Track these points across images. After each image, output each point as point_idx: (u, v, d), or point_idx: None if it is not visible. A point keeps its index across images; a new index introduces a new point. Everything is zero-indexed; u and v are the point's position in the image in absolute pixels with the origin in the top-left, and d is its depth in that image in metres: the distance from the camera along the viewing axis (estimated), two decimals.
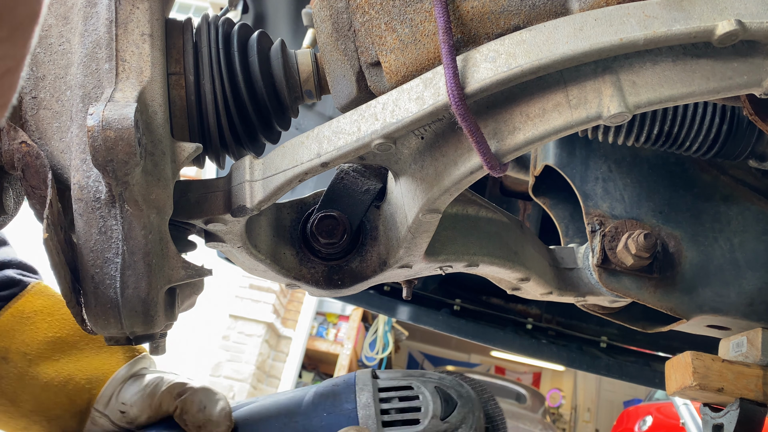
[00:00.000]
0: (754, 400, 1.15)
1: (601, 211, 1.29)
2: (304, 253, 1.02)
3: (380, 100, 0.78)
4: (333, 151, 0.80)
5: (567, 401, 12.94)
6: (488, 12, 0.78)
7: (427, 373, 0.94)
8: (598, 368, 2.67)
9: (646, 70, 0.71)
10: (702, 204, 1.30)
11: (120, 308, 0.81)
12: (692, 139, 1.16)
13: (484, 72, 0.71)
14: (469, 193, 1.09)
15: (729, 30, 0.67)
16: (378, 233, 1.02)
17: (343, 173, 0.99)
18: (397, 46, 0.80)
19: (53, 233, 0.75)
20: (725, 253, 1.26)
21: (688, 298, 1.23)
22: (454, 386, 0.92)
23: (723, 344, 1.29)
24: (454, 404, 0.89)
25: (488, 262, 1.09)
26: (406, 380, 0.91)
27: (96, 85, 0.80)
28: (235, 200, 0.85)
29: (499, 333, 2.68)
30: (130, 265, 0.79)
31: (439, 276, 2.63)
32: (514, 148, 0.75)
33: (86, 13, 0.82)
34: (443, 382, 0.92)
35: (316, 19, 0.89)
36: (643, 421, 7.79)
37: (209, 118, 0.90)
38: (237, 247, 0.95)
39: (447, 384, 0.92)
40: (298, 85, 0.96)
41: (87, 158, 0.77)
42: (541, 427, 8.56)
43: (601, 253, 1.25)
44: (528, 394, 9.40)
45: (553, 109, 0.73)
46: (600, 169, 1.33)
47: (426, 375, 0.93)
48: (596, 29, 0.70)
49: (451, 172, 0.79)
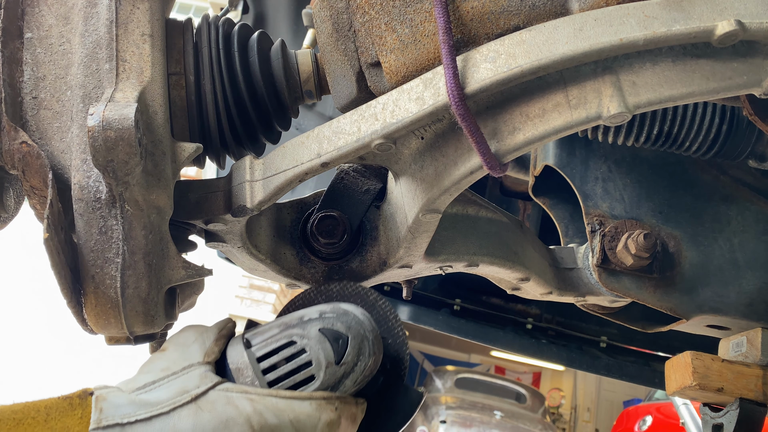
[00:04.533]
0: (753, 400, 1.15)
1: (601, 211, 1.29)
2: (304, 253, 1.02)
3: (380, 100, 0.78)
4: (333, 151, 0.80)
5: (567, 401, 12.94)
6: (488, 12, 0.78)
7: (305, 315, 0.84)
8: (598, 368, 2.67)
9: (646, 71, 0.71)
10: (702, 204, 1.30)
11: (120, 308, 0.81)
12: (692, 139, 1.16)
13: (484, 72, 0.72)
14: (469, 193, 1.09)
15: (729, 30, 0.67)
16: (378, 233, 1.03)
17: (343, 173, 0.99)
18: (397, 46, 0.80)
19: (53, 233, 0.75)
20: (725, 253, 1.26)
21: (687, 298, 1.24)
22: (339, 317, 0.82)
23: (723, 344, 1.29)
24: (345, 340, 0.80)
25: (488, 262, 1.09)
26: (285, 336, 0.81)
27: (96, 85, 0.80)
28: (236, 200, 0.85)
29: (499, 333, 2.68)
30: (131, 265, 0.79)
31: (439, 276, 2.63)
32: (514, 148, 0.75)
33: (87, 13, 0.82)
34: (325, 318, 0.82)
35: (316, 19, 0.89)
36: (643, 421, 7.79)
37: (209, 118, 0.90)
38: (237, 247, 0.95)
39: (330, 319, 0.82)
40: (298, 85, 0.96)
41: (87, 158, 0.77)
42: (541, 427, 8.55)
43: (601, 253, 1.25)
44: (528, 394, 9.40)
45: (553, 109, 0.73)
46: (600, 169, 1.33)
47: (304, 318, 0.83)
48: (596, 29, 0.70)
49: (451, 172, 0.79)
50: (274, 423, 0.73)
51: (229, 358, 0.81)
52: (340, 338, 0.81)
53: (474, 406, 8.51)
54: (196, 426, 0.70)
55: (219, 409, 0.72)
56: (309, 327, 0.82)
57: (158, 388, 0.73)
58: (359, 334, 0.82)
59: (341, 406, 0.78)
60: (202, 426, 0.70)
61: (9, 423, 0.66)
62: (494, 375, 10.56)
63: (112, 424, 0.67)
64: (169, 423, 0.69)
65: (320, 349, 0.80)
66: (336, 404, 0.77)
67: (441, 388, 9.23)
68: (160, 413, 0.70)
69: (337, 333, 0.81)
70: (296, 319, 0.84)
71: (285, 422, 0.74)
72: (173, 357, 0.79)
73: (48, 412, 0.68)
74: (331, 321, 0.82)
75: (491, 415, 8.31)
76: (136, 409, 0.69)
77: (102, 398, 0.70)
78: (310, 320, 0.83)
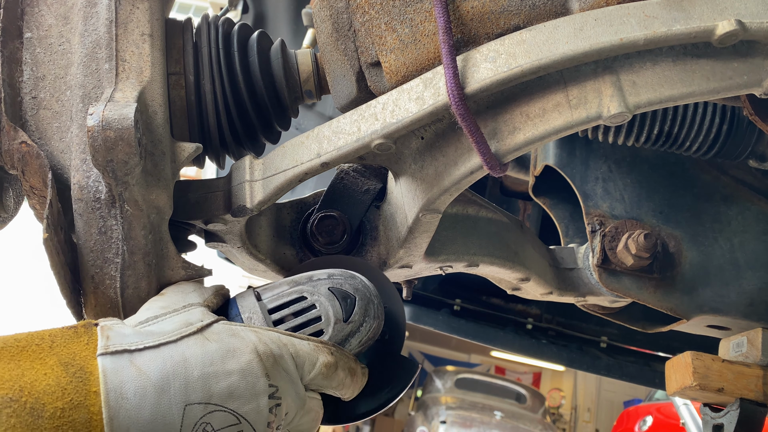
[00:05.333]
0: (754, 400, 1.15)
1: (601, 211, 1.29)
2: (304, 253, 1.02)
3: (380, 100, 0.78)
4: (333, 151, 0.80)
5: (567, 401, 12.94)
6: (488, 12, 0.78)
7: (314, 275, 0.86)
8: (598, 368, 2.67)
9: (646, 70, 0.71)
10: (702, 204, 1.30)
11: (120, 308, 0.81)
12: (692, 139, 1.16)
13: (484, 72, 0.71)
14: (469, 193, 1.09)
15: (729, 30, 0.67)
16: (378, 233, 1.02)
17: (343, 173, 0.99)
18: (397, 46, 0.80)
19: (53, 233, 0.75)
20: (725, 253, 1.26)
21: (688, 298, 1.23)
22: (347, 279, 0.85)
23: (723, 344, 1.29)
24: (353, 300, 0.83)
25: (488, 262, 1.09)
26: (296, 291, 0.83)
27: (96, 85, 0.80)
28: (235, 200, 0.85)
29: (499, 333, 2.68)
30: (130, 265, 0.79)
31: (439, 276, 2.63)
32: (514, 148, 0.75)
33: (86, 13, 0.82)
34: (334, 279, 0.85)
35: (316, 19, 0.89)
36: (643, 421, 7.79)
37: (209, 118, 0.90)
38: (237, 247, 0.95)
39: (339, 280, 0.85)
40: (298, 85, 0.96)
41: (87, 158, 0.77)
42: (541, 427, 8.55)
43: (601, 253, 1.25)
44: (528, 394, 9.40)
45: (553, 109, 0.73)
46: (600, 169, 1.33)
47: (314, 278, 0.85)
48: (596, 29, 0.70)
49: (451, 172, 0.79)
50: (277, 353, 0.74)
51: (240, 307, 0.82)
52: (348, 298, 0.83)
53: (474, 407, 8.52)
54: (206, 354, 0.70)
55: (225, 339, 0.72)
56: (319, 285, 0.84)
57: (162, 321, 0.73)
58: (366, 296, 0.84)
59: (338, 353, 0.79)
60: (210, 353, 0.70)
61: (12, 350, 0.64)
62: (494, 375, 10.57)
63: (121, 350, 0.66)
64: (178, 350, 0.69)
65: (329, 305, 0.82)
66: (332, 350, 0.79)
67: (441, 388, 9.24)
68: (168, 341, 0.69)
69: (346, 293, 0.83)
70: (306, 278, 0.85)
71: (287, 354, 0.75)
72: (173, 298, 0.78)
73: (53, 339, 0.66)
74: (339, 281, 0.84)
75: (491, 416, 8.31)
76: (143, 338, 0.68)
77: (108, 327, 0.69)
78: (319, 280, 0.85)
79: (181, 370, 0.67)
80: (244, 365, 0.71)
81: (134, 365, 0.65)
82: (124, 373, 0.64)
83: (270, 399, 0.71)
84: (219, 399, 0.68)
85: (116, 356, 0.66)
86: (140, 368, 0.65)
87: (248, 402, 0.70)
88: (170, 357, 0.68)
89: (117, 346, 0.66)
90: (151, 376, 0.65)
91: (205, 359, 0.69)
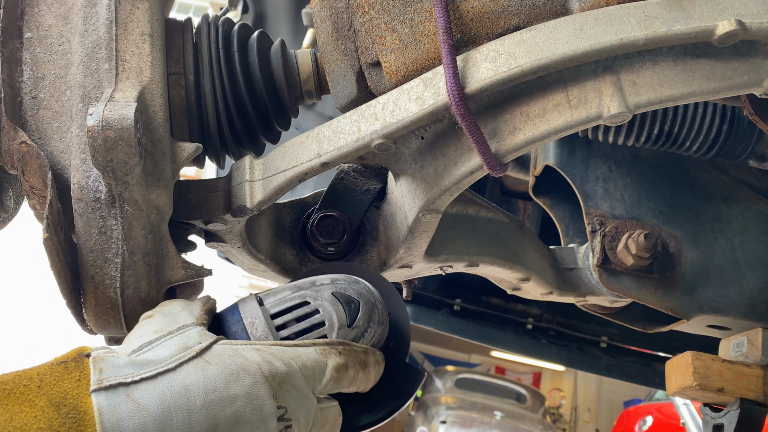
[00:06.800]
0: (754, 400, 1.15)
1: (601, 211, 1.29)
2: (304, 253, 1.02)
3: (380, 100, 0.78)
4: (333, 151, 0.80)
5: (567, 401, 12.94)
6: (488, 12, 0.78)
7: (317, 280, 0.84)
8: (599, 368, 2.67)
9: (646, 70, 0.71)
10: (702, 204, 1.29)
11: (120, 308, 0.81)
12: (692, 139, 1.16)
13: (484, 72, 0.71)
14: (469, 193, 1.09)
15: (729, 30, 0.67)
16: (378, 233, 1.02)
17: (343, 173, 0.99)
18: (397, 46, 0.80)
19: (53, 233, 0.75)
20: (725, 253, 1.26)
21: (688, 298, 1.23)
22: (350, 284, 0.83)
23: (723, 344, 1.29)
24: (357, 305, 0.81)
25: (488, 262, 1.09)
26: (299, 296, 0.81)
27: (96, 85, 0.80)
28: (235, 200, 0.85)
29: (499, 333, 2.68)
30: (130, 265, 0.79)
31: (439, 276, 2.63)
32: (514, 148, 0.75)
33: (86, 13, 0.82)
34: (337, 284, 0.83)
35: (316, 19, 0.89)
36: (644, 421, 7.79)
37: (209, 118, 0.90)
38: (237, 247, 0.95)
39: (342, 285, 0.83)
40: (298, 85, 0.96)
41: (87, 158, 0.77)
42: (541, 427, 8.56)
43: (602, 253, 1.25)
44: (528, 394, 9.40)
45: (554, 109, 0.73)
46: (600, 169, 1.33)
47: (317, 283, 0.83)
48: (596, 29, 0.69)
49: (451, 172, 0.79)
50: (284, 371, 0.70)
51: (242, 312, 0.80)
52: (352, 302, 0.81)
53: (474, 407, 8.51)
54: (207, 380, 0.65)
55: (227, 361, 0.68)
56: (322, 290, 0.82)
57: (157, 347, 0.68)
58: (370, 301, 0.83)
59: (346, 351, 0.76)
60: (213, 379, 0.66)
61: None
62: (494, 375, 10.57)
63: (116, 384, 0.62)
64: (177, 379, 0.64)
65: (333, 310, 0.80)
66: (340, 349, 0.75)
67: (441, 388, 9.23)
68: (167, 369, 0.65)
69: (349, 297, 0.82)
70: (308, 282, 0.84)
71: (294, 370, 0.71)
72: (164, 321, 0.74)
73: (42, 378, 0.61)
74: (342, 286, 0.83)
75: (491, 416, 8.31)
76: (139, 368, 0.64)
77: (100, 359, 0.64)
78: (322, 284, 0.83)
79: (183, 401, 0.63)
80: (249, 389, 0.67)
81: (132, 399, 0.61)
82: (122, 409, 0.60)
83: (279, 421, 0.68)
84: (225, 427, 0.64)
85: (111, 391, 0.61)
86: (138, 402, 0.61)
87: (256, 427, 0.66)
88: (170, 387, 0.63)
89: (111, 380, 0.62)
90: (151, 410, 0.61)
91: (208, 386, 0.65)
